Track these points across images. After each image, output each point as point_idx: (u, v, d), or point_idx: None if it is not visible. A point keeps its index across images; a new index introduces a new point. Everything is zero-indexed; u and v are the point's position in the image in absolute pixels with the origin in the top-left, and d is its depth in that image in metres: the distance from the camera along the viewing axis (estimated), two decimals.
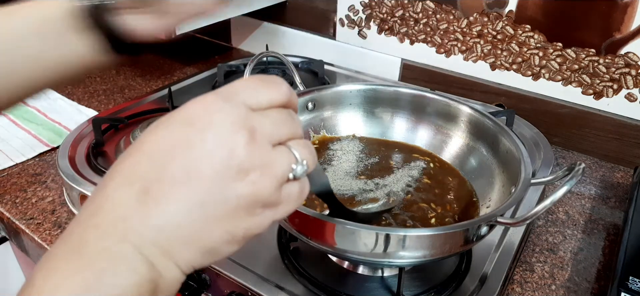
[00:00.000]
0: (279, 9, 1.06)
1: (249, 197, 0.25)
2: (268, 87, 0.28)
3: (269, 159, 0.26)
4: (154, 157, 0.25)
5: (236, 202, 0.25)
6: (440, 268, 0.51)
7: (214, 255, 0.27)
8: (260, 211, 0.27)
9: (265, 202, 0.26)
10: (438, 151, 0.61)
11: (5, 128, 0.82)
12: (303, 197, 0.29)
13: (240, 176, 0.25)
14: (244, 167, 0.25)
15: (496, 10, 0.81)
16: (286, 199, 0.28)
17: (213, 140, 0.25)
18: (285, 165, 0.27)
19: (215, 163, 0.25)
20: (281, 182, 0.27)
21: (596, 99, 0.77)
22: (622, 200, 0.70)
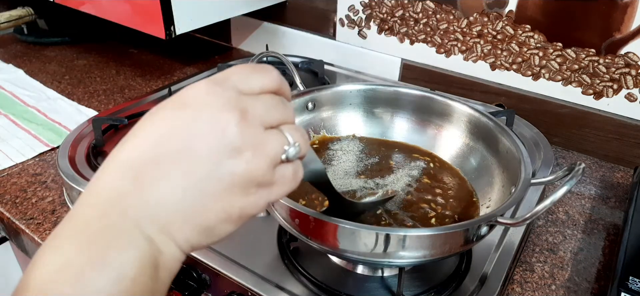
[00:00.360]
0: (279, 9, 1.06)
1: (243, 175, 0.26)
2: (259, 74, 0.29)
3: (261, 139, 0.27)
4: (149, 140, 0.26)
5: (231, 179, 0.26)
6: (440, 268, 0.51)
7: (211, 235, 0.28)
8: (254, 190, 0.27)
9: (259, 181, 0.27)
10: (438, 151, 0.61)
11: (5, 128, 0.82)
12: (297, 179, 0.30)
13: (234, 155, 0.26)
14: (237, 146, 0.26)
15: (496, 10, 0.81)
16: (280, 180, 0.28)
17: (206, 121, 0.26)
18: (278, 146, 0.28)
19: (209, 142, 0.26)
20: (274, 162, 0.28)
21: (596, 99, 0.77)
22: (622, 200, 0.70)
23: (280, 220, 0.45)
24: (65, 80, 1.02)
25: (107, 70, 1.07)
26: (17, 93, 0.94)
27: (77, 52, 1.16)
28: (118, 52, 1.16)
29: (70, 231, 0.25)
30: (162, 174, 0.26)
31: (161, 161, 0.26)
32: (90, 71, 1.06)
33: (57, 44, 1.20)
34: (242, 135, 0.26)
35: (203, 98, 0.26)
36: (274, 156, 0.27)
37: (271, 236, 0.54)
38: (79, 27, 1.22)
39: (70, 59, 1.13)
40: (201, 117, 0.26)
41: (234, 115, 0.26)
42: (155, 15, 0.78)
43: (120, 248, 0.25)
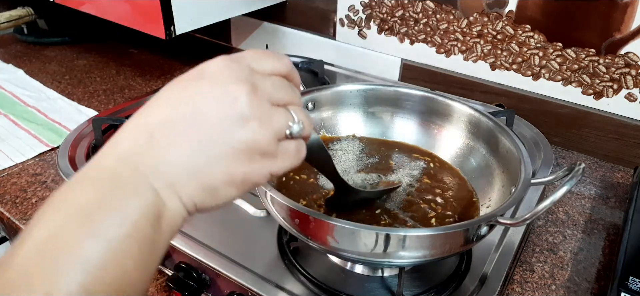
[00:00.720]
0: (279, 9, 1.06)
1: (248, 142, 0.29)
2: (272, 57, 0.32)
3: (268, 113, 0.29)
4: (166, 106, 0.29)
5: (237, 145, 0.28)
6: (440, 268, 0.51)
7: (215, 196, 0.30)
8: (258, 159, 0.29)
9: (263, 151, 0.29)
10: (438, 151, 0.61)
11: (5, 128, 0.82)
12: (299, 156, 0.32)
13: (242, 123, 0.28)
14: (245, 116, 0.28)
15: (496, 10, 0.81)
16: (283, 154, 0.31)
17: (220, 90, 0.28)
18: (283, 121, 0.30)
19: (220, 110, 0.28)
20: (278, 135, 0.30)
21: (596, 99, 0.77)
22: (622, 200, 0.70)
23: (280, 220, 0.45)
24: (65, 80, 1.02)
25: (107, 70, 1.07)
26: (17, 93, 0.94)
27: (77, 52, 1.16)
28: (118, 52, 1.16)
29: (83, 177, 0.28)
30: (174, 136, 0.28)
31: (175, 124, 0.28)
32: (90, 71, 1.06)
33: (57, 44, 1.20)
34: (250, 106, 0.28)
35: (219, 71, 0.29)
36: (279, 130, 0.30)
37: (271, 236, 0.54)
38: (79, 27, 1.22)
39: (70, 59, 1.13)
40: (215, 87, 0.28)
41: (245, 87, 0.28)
42: (155, 15, 0.78)
43: (127, 195, 0.27)
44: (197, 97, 0.29)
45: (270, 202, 0.45)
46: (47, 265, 0.24)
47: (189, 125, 0.28)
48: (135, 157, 0.28)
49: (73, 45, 1.20)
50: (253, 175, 0.30)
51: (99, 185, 0.27)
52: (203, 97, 0.28)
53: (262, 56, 0.31)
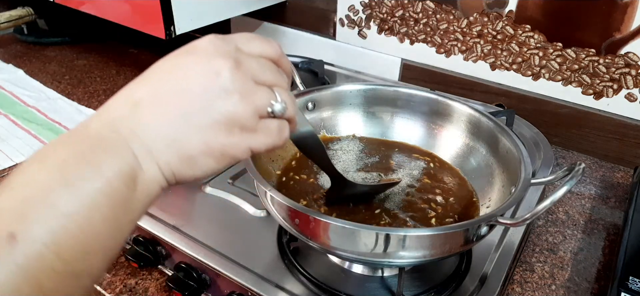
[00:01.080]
0: (279, 9, 1.06)
1: (228, 114, 0.29)
2: (261, 41, 0.33)
3: (250, 89, 0.30)
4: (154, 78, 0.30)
5: (217, 117, 0.29)
6: (440, 268, 0.51)
7: (192, 165, 0.30)
8: (237, 132, 0.30)
9: (243, 125, 0.30)
10: (438, 151, 0.61)
11: (5, 128, 0.82)
12: (282, 136, 0.33)
13: (223, 96, 0.29)
14: (227, 88, 0.29)
15: (496, 10, 0.81)
16: (264, 131, 0.31)
17: (204, 63, 0.29)
18: (265, 99, 0.31)
19: (203, 82, 0.29)
20: (259, 112, 0.31)
21: (596, 99, 0.77)
22: (622, 200, 0.70)
23: (280, 220, 0.45)
24: (65, 80, 1.02)
25: (107, 70, 1.07)
26: (17, 93, 0.94)
27: (77, 52, 1.16)
28: (118, 52, 1.16)
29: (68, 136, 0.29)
30: (158, 104, 0.29)
31: (160, 94, 0.29)
32: (90, 71, 1.06)
33: (57, 44, 1.20)
34: (232, 80, 0.29)
35: (206, 46, 0.30)
36: (260, 106, 0.31)
37: (271, 236, 0.54)
38: (79, 27, 1.22)
39: (70, 59, 1.13)
40: (201, 61, 0.30)
41: (229, 62, 0.29)
42: (155, 16, 0.78)
43: (105, 153, 0.28)
44: (184, 69, 0.30)
45: (270, 202, 0.45)
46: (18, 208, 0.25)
47: (173, 95, 0.29)
48: (118, 122, 0.29)
49: (73, 45, 1.20)
50: (232, 148, 0.30)
51: (80, 143, 0.28)
52: (189, 70, 0.30)
53: (251, 38, 0.32)
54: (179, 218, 0.56)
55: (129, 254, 0.55)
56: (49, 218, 0.25)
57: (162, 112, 0.29)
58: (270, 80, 0.32)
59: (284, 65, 0.34)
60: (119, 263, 0.56)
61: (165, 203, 0.59)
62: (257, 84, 0.31)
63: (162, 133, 0.29)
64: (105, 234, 0.28)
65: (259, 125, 0.31)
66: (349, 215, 0.50)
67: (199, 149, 0.30)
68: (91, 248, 0.27)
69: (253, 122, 0.30)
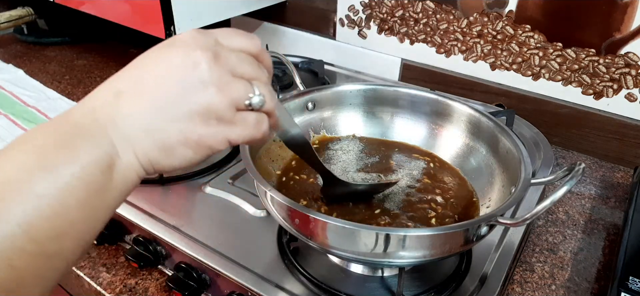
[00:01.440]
0: (279, 9, 1.06)
1: (204, 105, 0.30)
2: (241, 36, 0.33)
3: (228, 81, 0.30)
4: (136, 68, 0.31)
5: (193, 107, 0.30)
6: (440, 268, 0.51)
7: (170, 155, 0.31)
8: (214, 123, 0.31)
9: (220, 116, 0.30)
10: (438, 151, 0.61)
11: (5, 128, 0.82)
12: (260, 129, 0.33)
13: (200, 87, 0.30)
14: (204, 80, 0.30)
15: (496, 10, 0.81)
16: (241, 123, 0.32)
17: (184, 55, 0.30)
18: (242, 91, 0.31)
19: (181, 73, 0.30)
20: (236, 104, 0.31)
21: (596, 99, 0.77)
22: (622, 200, 0.70)
23: (280, 220, 0.45)
24: (66, 80, 1.02)
25: (107, 70, 1.07)
26: (17, 93, 0.94)
27: (77, 52, 1.16)
28: (118, 52, 1.16)
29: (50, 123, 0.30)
30: (138, 94, 0.30)
31: (140, 85, 0.30)
32: (91, 71, 1.06)
33: (57, 44, 1.20)
34: (210, 72, 0.30)
35: (186, 39, 0.31)
36: (237, 98, 0.31)
37: (271, 236, 0.54)
38: (79, 27, 1.22)
39: (70, 59, 1.13)
40: (180, 53, 0.30)
41: (207, 54, 0.30)
42: (155, 16, 0.78)
43: (82, 139, 0.29)
44: (164, 61, 0.30)
45: (270, 202, 0.45)
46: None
47: (152, 86, 0.30)
48: (99, 110, 0.30)
49: (73, 45, 1.20)
50: (208, 139, 0.31)
51: (60, 129, 0.29)
52: (168, 62, 0.30)
53: (232, 33, 0.33)
54: (179, 218, 0.56)
55: (129, 254, 0.55)
56: (23, 200, 0.26)
57: (142, 102, 0.30)
58: (249, 74, 0.32)
59: (264, 60, 0.34)
60: (119, 263, 0.56)
61: (166, 203, 0.59)
62: (235, 77, 0.31)
63: (140, 123, 0.30)
64: (79, 218, 0.28)
65: (236, 117, 0.31)
66: (349, 215, 0.50)
67: (176, 139, 0.30)
68: (64, 231, 0.28)
69: (230, 114, 0.31)
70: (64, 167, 0.28)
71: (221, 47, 0.31)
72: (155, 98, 0.30)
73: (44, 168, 0.27)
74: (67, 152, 0.28)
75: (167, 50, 0.31)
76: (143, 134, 0.30)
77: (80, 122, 0.29)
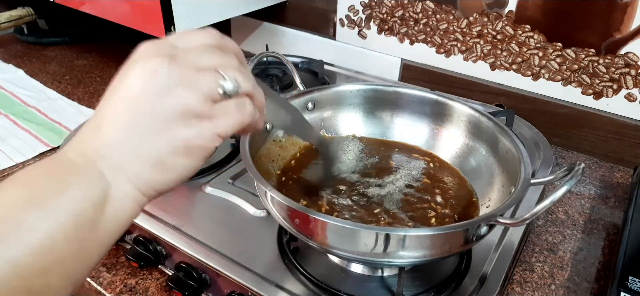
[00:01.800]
0: (279, 9, 1.06)
1: (177, 108, 0.29)
2: (196, 33, 0.33)
3: (192, 77, 0.30)
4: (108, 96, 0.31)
5: (167, 113, 0.29)
6: (440, 268, 0.51)
7: (165, 169, 0.30)
8: (195, 122, 0.30)
9: (197, 113, 0.30)
10: (438, 151, 0.61)
11: (5, 128, 0.82)
12: (244, 113, 0.32)
13: (166, 92, 0.29)
14: (167, 83, 0.29)
15: (496, 10, 0.81)
16: (223, 113, 0.31)
17: (142, 68, 0.30)
18: (211, 82, 0.30)
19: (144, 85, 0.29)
20: (209, 96, 0.30)
21: (596, 99, 0.78)
22: (621, 200, 0.70)
23: (280, 220, 0.45)
24: (66, 80, 1.02)
25: (107, 70, 1.07)
26: (17, 93, 0.94)
27: (77, 52, 1.16)
28: (118, 52, 1.16)
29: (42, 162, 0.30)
30: (113, 120, 0.30)
31: (114, 111, 0.30)
32: (91, 71, 1.06)
33: (58, 44, 1.20)
34: (170, 74, 0.29)
35: (141, 53, 0.30)
36: (208, 90, 0.30)
37: (271, 236, 0.54)
38: (79, 27, 1.22)
39: (70, 59, 1.13)
40: (137, 67, 0.30)
41: (163, 59, 0.29)
42: (155, 16, 0.78)
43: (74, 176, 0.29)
44: (127, 81, 0.30)
45: (270, 202, 0.45)
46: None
47: (123, 108, 0.30)
48: (84, 146, 0.30)
49: (73, 45, 1.20)
50: (196, 139, 0.30)
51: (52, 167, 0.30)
52: (131, 80, 0.30)
53: (186, 33, 0.33)
54: (180, 218, 0.57)
55: (130, 254, 0.55)
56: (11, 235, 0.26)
57: (119, 127, 0.29)
58: (213, 63, 0.31)
59: (227, 47, 0.33)
60: (120, 263, 0.56)
61: (166, 203, 0.59)
62: (199, 71, 0.30)
63: (124, 148, 0.29)
64: (68, 253, 0.28)
65: (215, 109, 0.30)
66: (348, 213, 0.50)
67: (164, 150, 0.30)
68: (51, 267, 0.27)
69: (207, 108, 0.30)
70: (52, 202, 0.27)
71: (176, 48, 0.31)
72: (129, 119, 0.29)
73: (32, 203, 0.27)
74: (57, 188, 0.28)
75: (127, 71, 0.30)
76: (130, 158, 0.29)
77: (71, 159, 0.29)
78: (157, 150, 0.30)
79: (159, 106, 0.29)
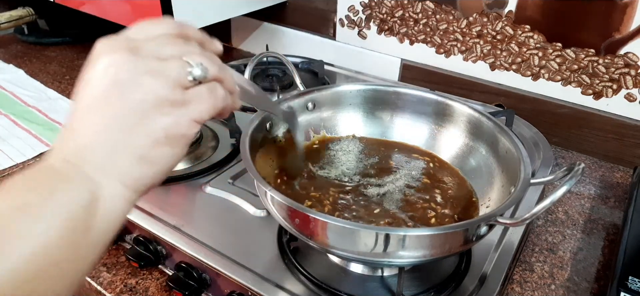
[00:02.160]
0: (279, 9, 1.06)
1: (147, 97, 0.29)
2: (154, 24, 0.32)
3: (157, 66, 0.29)
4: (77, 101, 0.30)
5: (139, 105, 0.29)
6: (440, 268, 0.51)
7: (151, 162, 0.30)
8: (170, 110, 0.30)
9: (170, 101, 0.30)
10: (438, 151, 0.61)
11: (6, 128, 0.82)
12: (217, 96, 0.32)
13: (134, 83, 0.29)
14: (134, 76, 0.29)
15: (496, 10, 0.81)
16: (195, 98, 0.31)
17: (103, 65, 0.29)
18: (177, 68, 0.30)
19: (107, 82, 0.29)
20: (178, 83, 0.30)
21: (595, 99, 0.78)
22: (621, 200, 0.70)
23: (280, 220, 0.45)
24: (66, 80, 1.02)
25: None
26: (17, 93, 0.94)
27: (77, 52, 1.16)
28: None
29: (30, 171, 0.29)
30: (89, 120, 0.29)
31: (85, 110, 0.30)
32: None
33: (58, 44, 1.20)
34: (134, 68, 0.29)
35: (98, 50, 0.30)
36: (176, 77, 0.30)
37: (271, 236, 0.54)
38: (80, 27, 1.22)
39: (70, 59, 1.13)
40: (99, 64, 0.30)
41: (124, 53, 0.29)
42: (155, 16, 0.79)
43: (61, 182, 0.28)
44: (91, 80, 0.30)
45: (270, 201, 0.45)
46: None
47: (93, 107, 0.29)
48: (65, 151, 0.30)
49: (74, 45, 1.20)
50: (175, 127, 0.30)
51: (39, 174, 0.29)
52: (96, 77, 0.30)
53: (143, 26, 0.32)
54: (180, 218, 0.57)
55: (130, 254, 0.55)
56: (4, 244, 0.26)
57: (96, 128, 0.29)
58: (175, 51, 0.31)
59: (188, 35, 0.33)
60: (120, 262, 0.56)
61: (166, 203, 0.59)
62: (163, 60, 0.30)
63: (106, 147, 0.29)
64: (63, 257, 0.28)
65: (187, 95, 0.30)
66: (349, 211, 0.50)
67: (145, 143, 0.29)
68: (45, 274, 0.27)
69: (179, 95, 0.30)
70: (43, 209, 0.27)
71: (135, 41, 0.30)
72: (103, 116, 0.29)
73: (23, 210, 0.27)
74: (46, 193, 0.28)
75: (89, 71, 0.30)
76: (114, 157, 0.29)
77: (55, 166, 0.29)
78: (139, 145, 0.29)
79: (130, 99, 0.29)
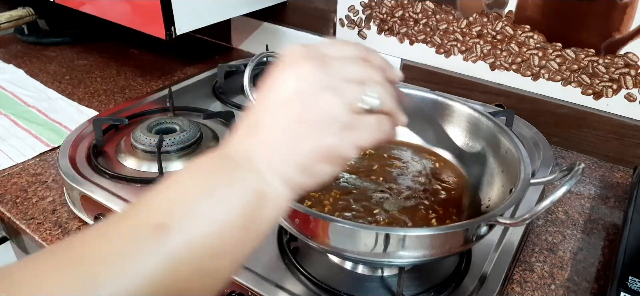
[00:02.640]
0: (279, 9, 1.06)
1: (324, 113, 0.31)
2: (344, 43, 0.34)
3: (339, 85, 0.31)
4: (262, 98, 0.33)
5: (315, 117, 0.31)
6: (440, 268, 0.51)
7: (311, 174, 0.32)
8: (339, 130, 0.31)
9: (342, 122, 0.31)
10: (438, 151, 0.61)
11: (6, 128, 0.82)
12: (382, 129, 0.33)
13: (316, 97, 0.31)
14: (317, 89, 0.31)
15: (496, 10, 0.81)
16: (363, 126, 0.32)
17: (293, 71, 0.31)
18: (355, 93, 0.32)
19: (294, 88, 0.31)
20: (351, 107, 0.31)
21: (595, 99, 0.78)
22: (621, 200, 0.70)
23: (280, 219, 0.45)
24: (66, 80, 1.02)
25: (107, 70, 1.07)
26: (17, 93, 0.94)
27: (77, 52, 1.16)
28: (118, 52, 1.16)
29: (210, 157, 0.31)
30: (269, 121, 0.31)
31: (268, 111, 0.32)
32: (91, 71, 1.06)
33: (58, 44, 1.20)
34: (318, 81, 0.31)
35: (291, 56, 0.32)
36: (352, 100, 0.31)
37: (271, 236, 0.54)
38: (80, 27, 1.22)
39: (70, 59, 1.13)
40: (290, 70, 0.32)
41: (315, 63, 0.31)
42: (155, 16, 0.79)
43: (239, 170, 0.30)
44: (278, 83, 0.32)
45: None
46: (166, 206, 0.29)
47: (275, 110, 0.31)
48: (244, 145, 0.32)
49: (74, 45, 1.20)
50: (338, 148, 0.31)
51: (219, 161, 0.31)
52: (282, 82, 0.32)
53: (334, 42, 0.34)
54: None
55: None
56: (190, 218, 0.28)
57: (274, 129, 0.31)
58: (359, 75, 0.32)
59: (373, 61, 0.34)
60: None
61: None
62: (347, 80, 0.31)
63: (277, 149, 0.31)
64: (235, 240, 0.29)
65: (357, 121, 0.32)
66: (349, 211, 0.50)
67: (310, 156, 0.31)
68: (221, 251, 0.29)
69: (350, 118, 0.31)
70: (224, 192, 0.29)
71: (327, 57, 0.32)
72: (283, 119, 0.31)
73: (207, 192, 0.29)
74: (227, 179, 0.30)
75: (279, 72, 0.32)
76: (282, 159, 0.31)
77: (233, 156, 0.31)
78: (305, 156, 0.31)
79: (309, 110, 0.31)
